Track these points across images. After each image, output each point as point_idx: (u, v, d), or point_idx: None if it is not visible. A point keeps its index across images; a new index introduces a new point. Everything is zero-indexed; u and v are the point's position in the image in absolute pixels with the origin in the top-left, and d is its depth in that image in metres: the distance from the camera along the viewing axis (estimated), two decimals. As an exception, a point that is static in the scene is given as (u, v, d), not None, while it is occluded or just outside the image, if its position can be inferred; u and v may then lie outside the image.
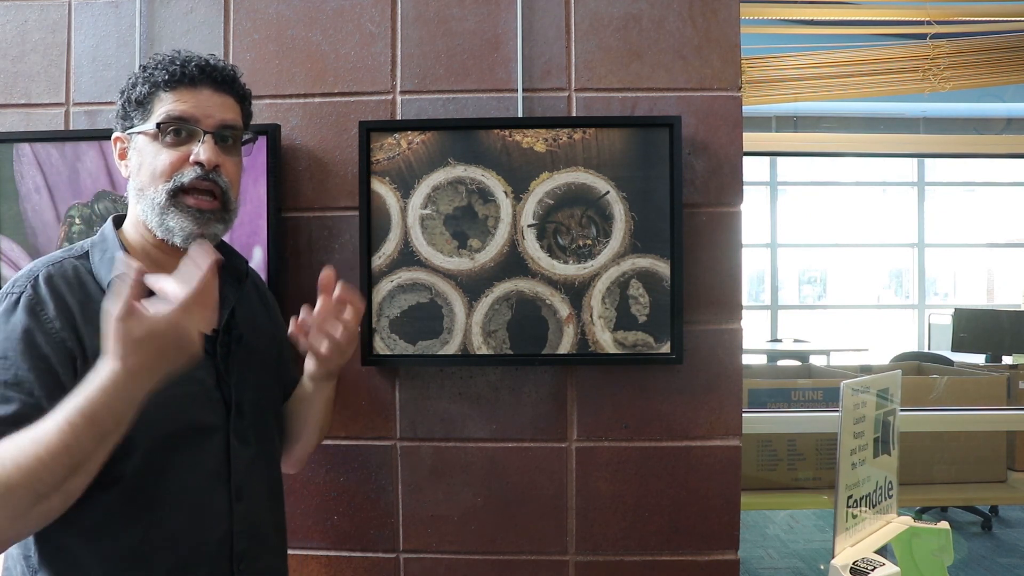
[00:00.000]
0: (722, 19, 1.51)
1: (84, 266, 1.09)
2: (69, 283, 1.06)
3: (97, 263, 1.09)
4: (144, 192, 1.09)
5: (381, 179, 1.49)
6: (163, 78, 1.09)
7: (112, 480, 0.99)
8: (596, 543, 1.53)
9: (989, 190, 9.56)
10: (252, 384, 1.17)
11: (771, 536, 4.17)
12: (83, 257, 1.11)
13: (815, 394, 2.80)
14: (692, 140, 1.50)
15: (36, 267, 1.08)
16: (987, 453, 2.79)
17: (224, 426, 1.11)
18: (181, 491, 1.06)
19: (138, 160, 1.10)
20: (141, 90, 1.10)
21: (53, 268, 1.07)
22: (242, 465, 1.13)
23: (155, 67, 1.10)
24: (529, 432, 1.53)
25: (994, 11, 4.31)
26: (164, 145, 1.09)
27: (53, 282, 1.05)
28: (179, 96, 1.09)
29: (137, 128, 1.10)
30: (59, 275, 1.06)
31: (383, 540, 1.54)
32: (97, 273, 1.08)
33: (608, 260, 1.48)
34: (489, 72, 1.53)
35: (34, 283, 1.04)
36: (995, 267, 9.90)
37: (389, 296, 1.50)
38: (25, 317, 1.01)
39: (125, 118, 1.12)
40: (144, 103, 1.10)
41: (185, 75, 1.09)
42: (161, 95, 1.09)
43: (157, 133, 1.09)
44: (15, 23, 1.58)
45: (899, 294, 9.80)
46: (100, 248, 1.11)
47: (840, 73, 4.39)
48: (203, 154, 1.08)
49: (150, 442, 1.02)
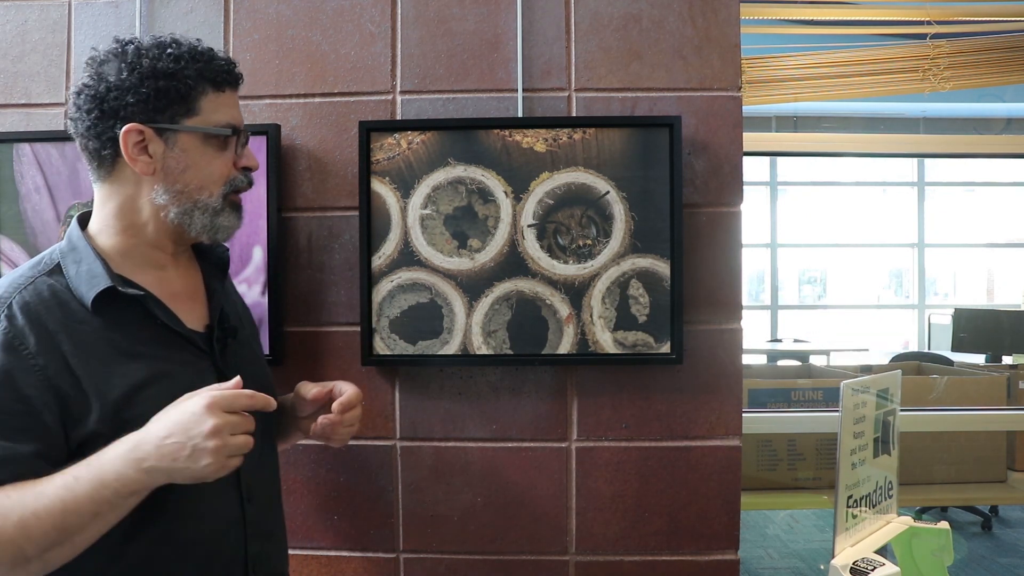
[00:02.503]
0: (722, 19, 1.51)
1: (60, 283, 1.00)
2: (48, 308, 0.96)
3: (74, 277, 1.00)
4: (189, 195, 1.04)
5: (381, 179, 1.49)
6: (212, 76, 1.04)
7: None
8: (596, 543, 1.52)
9: (989, 190, 9.56)
10: (248, 376, 1.13)
11: (771, 536, 4.17)
12: (55, 272, 1.01)
13: (815, 394, 2.80)
14: (692, 140, 1.50)
15: (3, 292, 0.97)
16: (987, 453, 2.79)
17: None
18: (193, 498, 1.02)
19: (184, 161, 1.03)
20: (184, 84, 1.01)
21: (27, 293, 0.97)
22: (250, 464, 1.09)
23: (192, 59, 1.02)
24: (529, 432, 1.53)
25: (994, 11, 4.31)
26: (218, 148, 1.06)
27: (30, 310, 0.95)
28: (227, 99, 1.07)
29: (181, 125, 1.02)
30: (36, 300, 0.96)
31: (383, 540, 1.54)
32: (76, 290, 0.99)
33: (608, 260, 1.48)
34: (489, 72, 1.53)
35: (8, 314, 0.94)
36: (995, 267, 9.90)
37: (389, 296, 1.50)
38: (2, 354, 0.92)
39: (157, 110, 1.01)
40: (188, 99, 1.02)
41: (231, 76, 1.07)
42: (210, 94, 1.04)
43: (220, 137, 1.05)
44: (15, 23, 1.58)
45: (899, 294, 9.81)
46: (72, 259, 1.02)
47: (840, 73, 4.39)
48: (252, 159, 1.10)
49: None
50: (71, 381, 0.94)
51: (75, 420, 0.94)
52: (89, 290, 0.98)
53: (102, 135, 1.01)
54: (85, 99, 1.01)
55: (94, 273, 1.00)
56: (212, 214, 1.06)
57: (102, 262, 1.01)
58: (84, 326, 0.97)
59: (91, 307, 0.98)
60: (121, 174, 1.04)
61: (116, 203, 1.05)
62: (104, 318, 0.99)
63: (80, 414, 0.94)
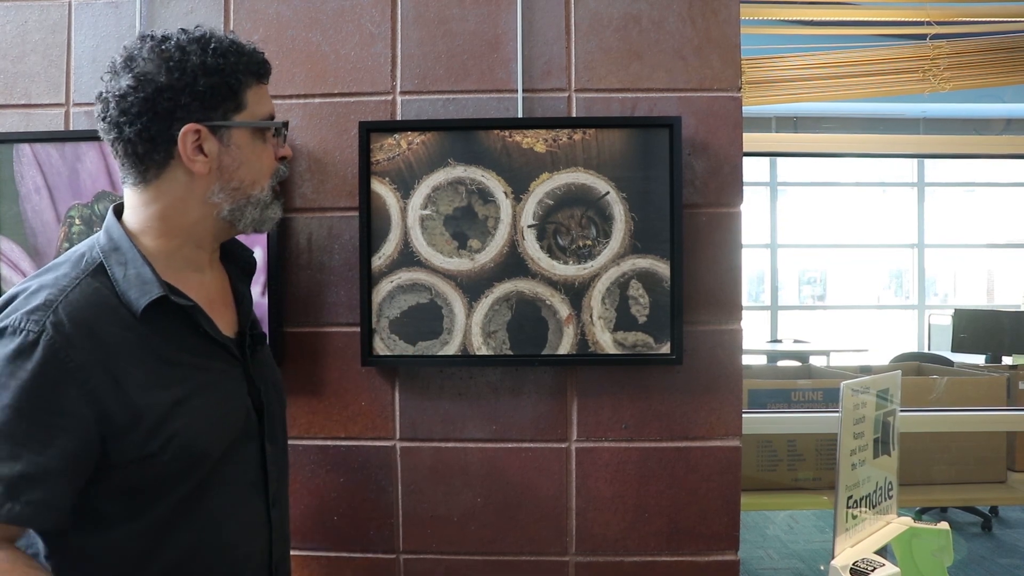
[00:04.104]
0: (722, 19, 1.51)
1: (105, 286, 0.95)
2: (97, 315, 0.92)
3: (122, 281, 0.96)
4: (243, 191, 1.03)
5: (381, 179, 1.49)
6: (255, 69, 1.03)
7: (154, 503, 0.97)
8: (596, 544, 1.52)
9: (989, 190, 9.57)
10: (270, 379, 1.14)
11: (771, 537, 4.16)
12: (99, 272, 0.96)
13: (815, 395, 2.80)
14: (692, 141, 1.50)
15: (49, 295, 0.91)
16: (987, 454, 2.79)
17: (258, 433, 1.08)
18: (224, 505, 1.02)
19: (238, 157, 1.02)
20: (235, 79, 1.00)
21: (74, 297, 0.92)
22: (275, 470, 1.10)
23: (236, 53, 1.01)
24: (529, 433, 1.53)
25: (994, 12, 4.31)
26: (264, 142, 1.05)
27: (77, 317, 0.90)
28: (265, 90, 1.07)
29: (234, 121, 1.01)
30: (84, 306, 0.91)
31: (383, 541, 1.54)
32: (124, 295, 0.95)
33: (608, 261, 1.48)
34: (489, 72, 1.53)
35: (55, 320, 0.89)
36: (995, 267, 9.91)
37: (389, 296, 1.50)
38: (46, 364, 0.87)
39: (211, 108, 0.98)
40: (237, 93, 1.01)
41: (268, 67, 1.07)
42: (254, 86, 1.03)
43: (267, 131, 1.05)
44: (15, 23, 1.58)
45: (899, 294, 9.81)
46: (117, 260, 0.97)
47: (840, 74, 4.39)
48: (288, 148, 1.10)
49: (202, 470, 0.99)
50: (115, 393, 0.91)
51: (118, 433, 0.92)
52: (140, 297, 0.95)
53: (156, 138, 0.97)
54: (133, 102, 0.96)
55: (144, 279, 0.96)
56: (263, 207, 1.06)
57: (150, 267, 0.97)
58: (130, 333, 0.94)
59: (140, 315, 0.95)
60: (170, 176, 1.00)
61: (162, 205, 1.01)
62: (150, 326, 0.96)
63: (124, 427, 0.92)
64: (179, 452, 0.95)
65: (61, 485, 0.89)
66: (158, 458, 0.94)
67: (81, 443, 0.89)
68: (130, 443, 0.92)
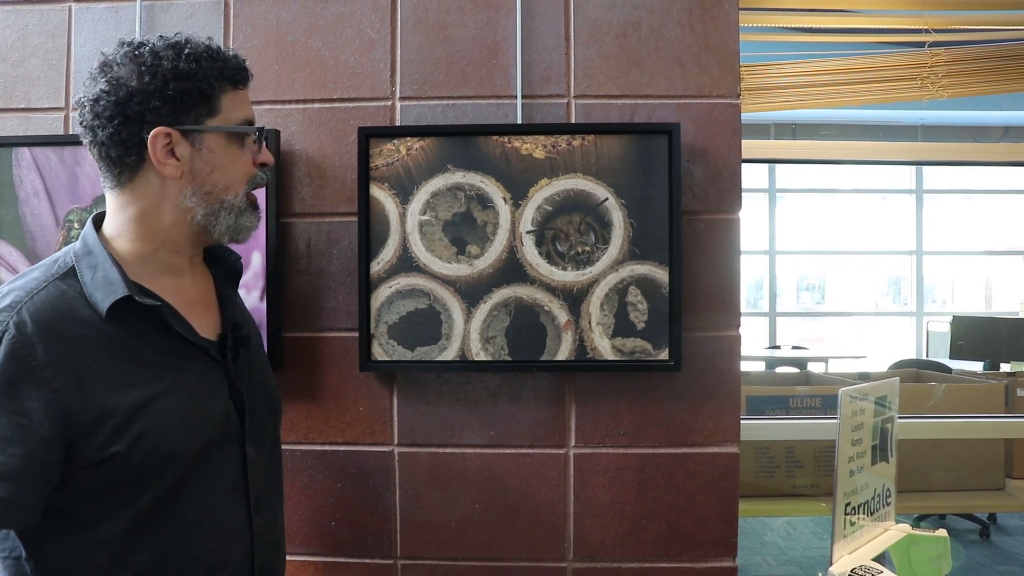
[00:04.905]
0: (721, 26, 1.52)
1: (73, 288, 0.96)
2: (61, 315, 0.93)
3: (89, 283, 0.97)
4: (216, 196, 1.03)
5: (380, 185, 1.50)
6: (230, 74, 1.03)
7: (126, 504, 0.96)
8: (594, 550, 1.52)
9: (987, 198, 9.57)
10: (257, 383, 1.14)
11: (769, 543, 4.16)
12: (69, 276, 0.98)
13: (813, 401, 2.80)
14: (691, 147, 1.51)
15: (16, 297, 0.93)
16: (985, 461, 2.79)
17: (239, 437, 1.08)
18: (200, 508, 1.01)
19: (210, 162, 1.02)
20: (207, 84, 1.00)
21: (39, 299, 0.93)
22: (258, 474, 1.09)
23: (210, 58, 1.01)
24: (527, 439, 1.53)
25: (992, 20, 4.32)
26: (241, 147, 1.05)
27: (41, 318, 0.91)
28: (243, 96, 1.07)
29: (207, 126, 1.01)
30: (47, 307, 0.93)
31: (380, 546, 1.54)
32: (91, 296, 0.96)
33: (607, 267, 1.48)
34: (488, 78, 1.53)
35: (18, 321, 0.90)
36: (993, 275, 9.91)
37: (387, 302, 1.50)
38: (8, 364, 0.88)
39: (182, 112, 0.99)
40: (210, 98, 1.01)
41: (246, 73, 1.07)
42: (229, 92, 1.03)
43: (245, 136, 1.05)
44: (15, 27, 1.58)
45: (897, 301, 9.81)
46: (87, 264, 0.99)
47: (838, 81, 4.40)
48: (269, 155, 1.10)
49: (174, 471, 0.98)
50: (80, 393, 0.91)
51: (85, 432, 0.92)
52: (104, 298, 0.95)
53: (127, 141, 0.98)
54: (105, 106, 0.98)
55: (110, 280, 0.97)
56: (237, 214, 1.06)
57: (118, 268, 0.98)
58: (97, 334, 0.95)
59: (105, 315, 0.95)
60: (143, 179, 1.01)
61: (136, 209, 1.02)
62: (118, 326, 0.97)
63: (90, 425, 0.92)
64: (148, 452, 0.95)
65: (27, 484, 0.89)
66: (126, 458, 0.93)
67: (46, 442, 0.89)
68: (97, 442, 0.92)
